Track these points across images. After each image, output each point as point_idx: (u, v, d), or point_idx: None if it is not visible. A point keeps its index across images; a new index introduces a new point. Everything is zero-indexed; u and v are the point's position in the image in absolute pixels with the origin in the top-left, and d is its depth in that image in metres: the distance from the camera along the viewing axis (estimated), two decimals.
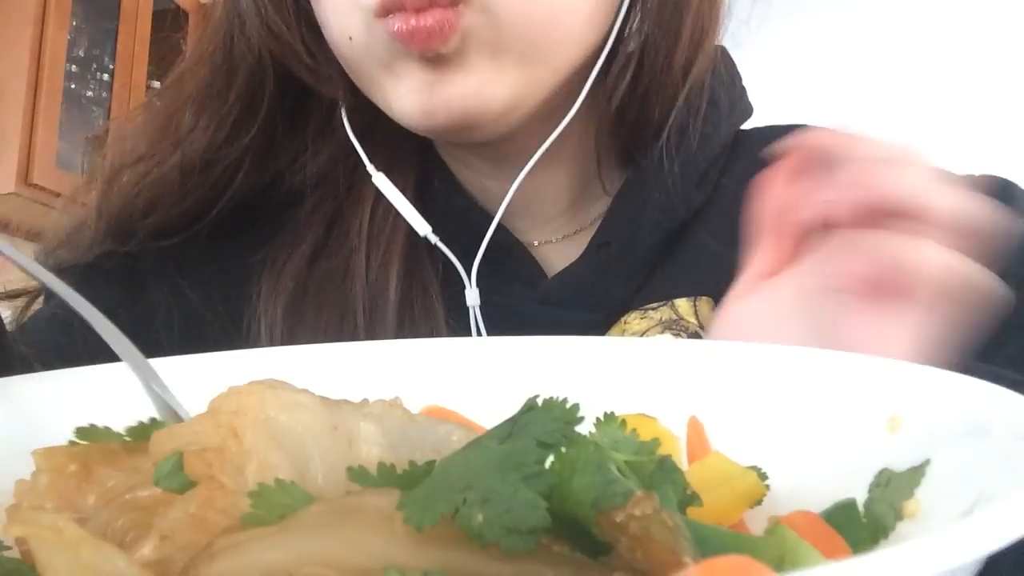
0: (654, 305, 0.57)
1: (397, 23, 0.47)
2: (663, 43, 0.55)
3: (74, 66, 2.72)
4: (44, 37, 2.56)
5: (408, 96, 0.50)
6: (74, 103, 2.72)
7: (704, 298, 0.57)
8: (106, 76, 2.84)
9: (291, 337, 0.58)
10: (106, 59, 2.84)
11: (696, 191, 0.58)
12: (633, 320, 0.58)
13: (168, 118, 0.61)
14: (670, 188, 0.57)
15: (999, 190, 0.57)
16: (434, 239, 0.57)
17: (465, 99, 0.49)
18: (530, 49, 0.50)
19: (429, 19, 0.46)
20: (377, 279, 0.59)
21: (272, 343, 0.58)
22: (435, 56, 0.48)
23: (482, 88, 0.50)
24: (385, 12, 0.48)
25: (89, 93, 2.81)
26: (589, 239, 0.60)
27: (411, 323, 0.58)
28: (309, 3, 0.55)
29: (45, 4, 2.57)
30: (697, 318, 0.56)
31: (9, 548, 0.24)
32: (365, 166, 0.59)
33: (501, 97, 0.50)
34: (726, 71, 0.62)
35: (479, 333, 0.57)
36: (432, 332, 0.57)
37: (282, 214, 0.63)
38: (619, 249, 0.58)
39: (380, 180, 0.58)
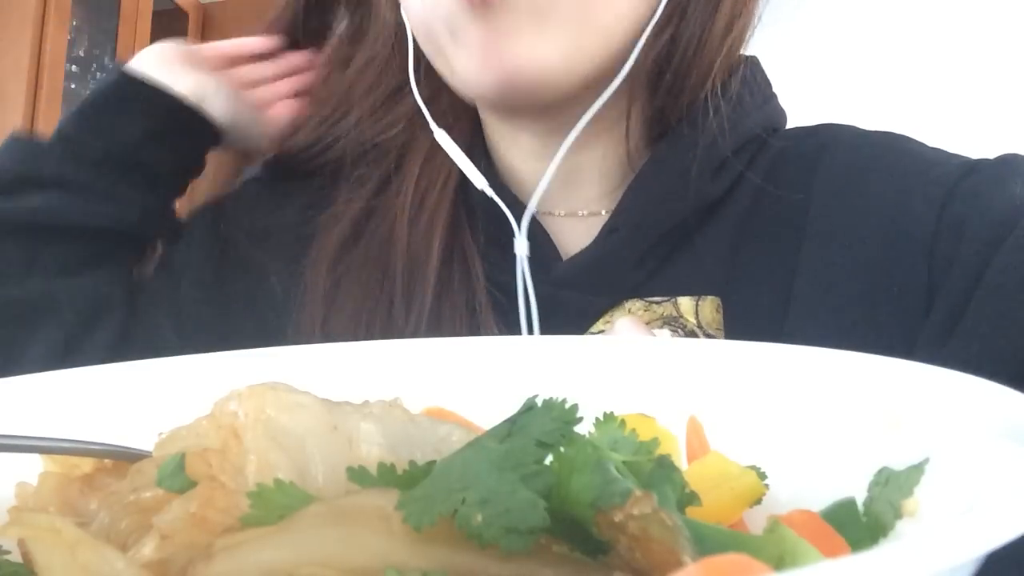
0: (658, 299, 0.58)
1: None
2: (702, 13, 0.57)
3: (74, 66, 2.72)
4: (44, 37, 2.56)
5: (466, 58, 0.55)
6: (74, 103, 2.71)
7: (710, 298, 0.57)
8: None
9: (333, 295, 0.61)
10: (106, 59, 2.83)
11: (713, 182, 0.59)
12: (637, 309, 0.58)
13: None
14: (687, 174, 0.58)
15: (1006, 164, 0.57)
16: (490, 192, 0.60)
17: (518, 58, 0.53)
18: (578, 15, 0.53)
19: None
20: (419, 243, 0.62)
21: (313, 304, 0.62)
22: (485, 10, 0.52)
23: (532, 50, 0.53)
24: None
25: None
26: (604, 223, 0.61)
27: (448, 287, 0.60)
28: None
29: (45, 4, 2.57)
30: (697, 317, 0.57)
31: (8, 553, 0.24)
32: (417, 135, 0.64)
33: (551, 60, 0.54)
34: (755, 77, 0.63)
35: (526, 284, 0.58)
36: (469, 298, 0.60)
37: (333, 177, 0.69)
38: (627, 235, 0.58)
39: (442, 136, 0.62)
